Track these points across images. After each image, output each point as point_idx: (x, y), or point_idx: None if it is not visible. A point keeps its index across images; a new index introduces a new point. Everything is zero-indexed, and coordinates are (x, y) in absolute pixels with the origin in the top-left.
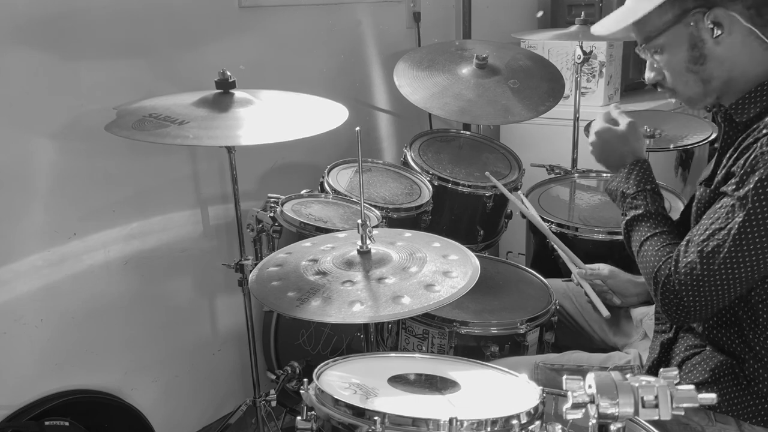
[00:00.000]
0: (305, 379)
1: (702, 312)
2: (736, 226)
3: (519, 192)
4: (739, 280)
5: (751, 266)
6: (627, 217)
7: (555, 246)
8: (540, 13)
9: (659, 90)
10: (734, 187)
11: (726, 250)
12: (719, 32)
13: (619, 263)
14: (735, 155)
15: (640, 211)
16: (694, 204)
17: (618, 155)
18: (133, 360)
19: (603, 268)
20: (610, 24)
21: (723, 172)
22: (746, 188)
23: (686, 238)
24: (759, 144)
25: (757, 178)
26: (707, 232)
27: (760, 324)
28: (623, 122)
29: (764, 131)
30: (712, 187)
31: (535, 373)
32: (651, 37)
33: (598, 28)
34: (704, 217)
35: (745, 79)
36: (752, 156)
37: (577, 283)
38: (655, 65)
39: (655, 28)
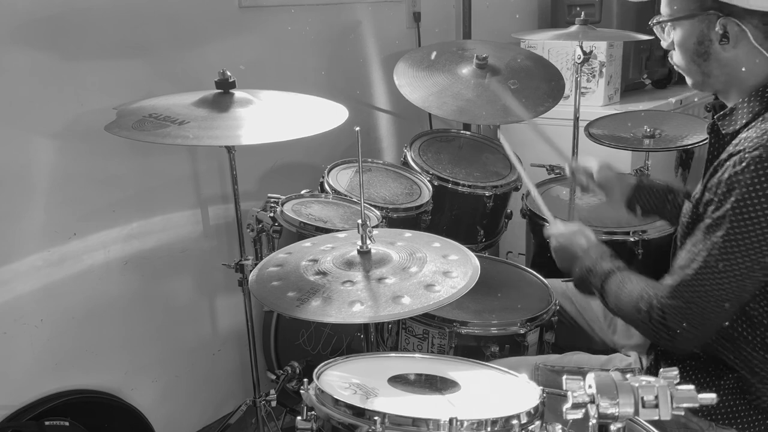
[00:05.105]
0: (305, 379)
1: (691, 335)
2: (717, 246)
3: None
4: (726, 298)
5: (734, 285)
6: (600, 282)
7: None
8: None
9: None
10: (713, 208)
11: (709, 270)
12: (725, 42)
13: None
14: (711, 170)
15: (606, 269)
16: (681, 216)
17: (570, 254)
18: (133, 360)
19: (592, 161)
20: None
21: (700, 187)
22: (724, 208)
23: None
24: (732, 162)
25: (733, 199)
26: (688, 256)
27: (758, 341)
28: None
29: (738, 148)
30: (694, 202)
31: (535, 375)
32: (667, 19)
33: None
34: (687, 242)
35: (742, 86)
36: (726, 176)
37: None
38: (668, 38)
39: (673, 11)
